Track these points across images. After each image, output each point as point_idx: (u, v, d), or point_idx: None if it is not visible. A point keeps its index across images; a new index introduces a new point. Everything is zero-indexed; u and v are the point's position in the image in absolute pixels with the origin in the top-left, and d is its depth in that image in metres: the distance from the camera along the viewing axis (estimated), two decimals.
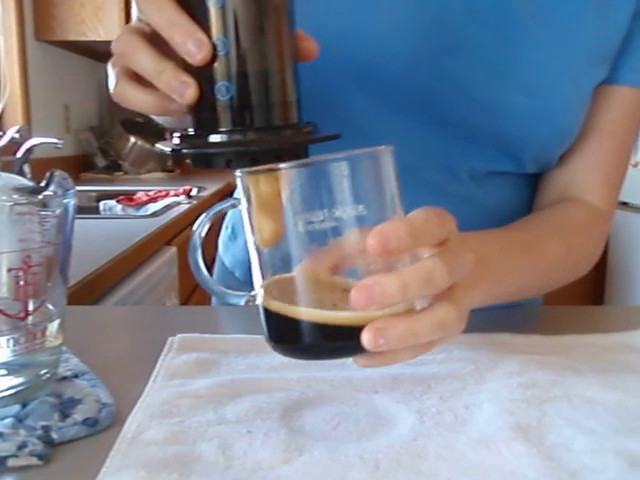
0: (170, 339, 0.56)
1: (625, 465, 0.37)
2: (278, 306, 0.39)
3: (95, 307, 0.87)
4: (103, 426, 0.42)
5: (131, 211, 1.82)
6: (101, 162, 2.96)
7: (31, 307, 0.44)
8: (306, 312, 0.37)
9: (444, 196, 0.68)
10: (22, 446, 0.38)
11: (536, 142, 0.65)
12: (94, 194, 2.19)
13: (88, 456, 0.39)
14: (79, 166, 2.84)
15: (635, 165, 3.17)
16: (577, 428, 0.41)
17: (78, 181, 2.66)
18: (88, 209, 1.85)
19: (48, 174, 0.45)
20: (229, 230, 0.82)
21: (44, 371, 0.46)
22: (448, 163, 0.67)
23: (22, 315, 0.43)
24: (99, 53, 2.85)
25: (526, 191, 0.73)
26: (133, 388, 0.47)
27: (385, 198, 0.38)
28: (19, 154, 1.92)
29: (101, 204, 1.85)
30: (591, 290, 3.49)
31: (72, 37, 2.47)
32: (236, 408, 0.44)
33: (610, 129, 0.68)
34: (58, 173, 0.45)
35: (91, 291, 0.92)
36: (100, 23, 2.47)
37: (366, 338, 0.36)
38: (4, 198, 0.41)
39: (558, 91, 0.63)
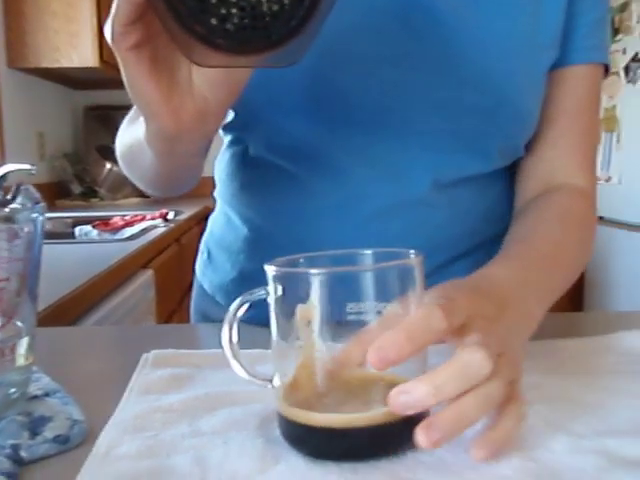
0: (144, 355, 0.55)
1: (604, 463, 0.37)
2: (298, 414, 0.38)
3: (69, 328, 0.86)
4: (74, 443, 0.41)
5: (107, 236, 1.80)
6: (77, 189, 2.94)
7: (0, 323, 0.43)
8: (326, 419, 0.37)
9: (412, 207, 0.68)
10: None
11: (500, 134, 0.66)
12: (70, 220, 2.17)
13: (58, 474, 0.38)
14: (54, 193, 2.82)
15: (607, 180, 3.22)
16: (556, 429, 0.41)
17: (54, 208, 2.63)
18: (64, 235, 1.83)
19: (14, 187, 0.44)
20: (205, 255, 0.81)
21: (13, 390, 0.45)
22: (411, 175, 0.67)
23: None
24: (73, 80, 2.85)
25: (498, 186, 0.73)
26: (106, 405, 0.46)
27: (410, 301, 0.38)
28: None
29: (77, 229, 1.83)
30: (569, 301, 3.52)
31: (46, 64, 2.45)
32: (211, 421, 0.43)
33: (576, 110, 0.70)
34: (24, 187, 0.44)
35: (67, 313, 0.91)
36: (74, 50, 2.47)
37: (421, 441, 0.35)
38: None
39: (510, 80, 0.64)
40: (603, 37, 0.73)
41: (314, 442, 0.37)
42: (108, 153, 2.96)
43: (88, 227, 1.83)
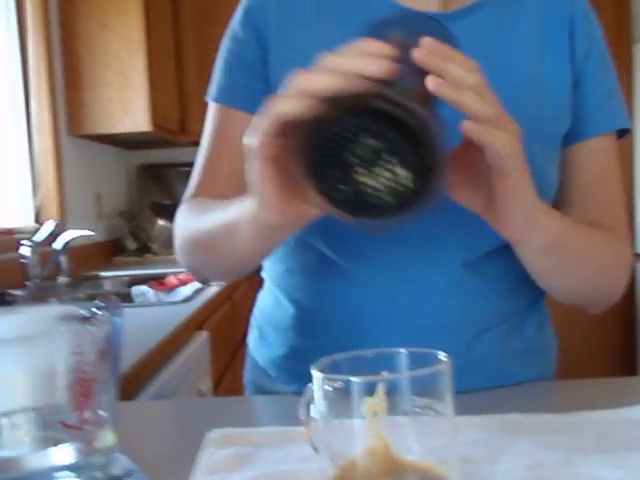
0: (208, 434, 0.61)
1: None
2: None
3: (135, 403, 0.93)
4: None
5: (163, 295, 1.89)
6: (132, 245, 3.08)
7: (87, 416, 0.50)
8: None
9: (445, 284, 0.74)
10: None
11: None
12: (126, 279, 2.29)
13: None
14: (111, 250, 2.96)
15: None
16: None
17: (110, 265, 2.77)
18: (121, 295, 1.93)
19: (100, 303, 0.51)
20: (256, 331, 0.88)
21: (98, 472, 0.52)
22: (444, 254, 0.73)
23: (78, 424, 0.49)
24: (127, 141, 3.00)
25: None
26: None
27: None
28: (57, 246, 2.03)
29: (133, 289, 1.93)
30: (624, 364, 3.49)
31: (102, 130, 2.61)
32: None
33: (600, 181, 0.76)
34: (108, 300, 0.52)
35: (130, 383, 0.98)
36: (128, 115, 2.62)
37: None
38: (63, 329, 0.48)
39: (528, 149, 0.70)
40: (618, 104, 0.78)
41: None
42: (160, 210, 3.10)
43: (144, 287, 1.93)
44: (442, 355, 0.45)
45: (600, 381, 0.78)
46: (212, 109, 0.81)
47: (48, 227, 1.98)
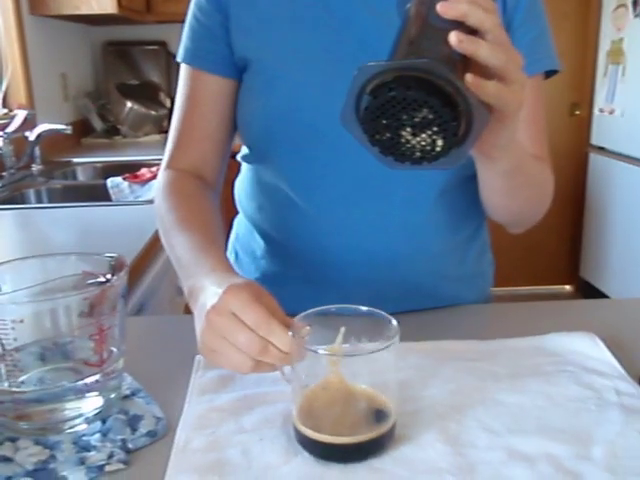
0: (197, 358, 0.75)
1: (505, 457, 0.57)
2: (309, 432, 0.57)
3: (133, 318, 1.06)
4: (160, 436, 0.62)
5: (137, 188, 1.98)
6: (99, 125, 3.10)
7: (105, 355, 0.63)
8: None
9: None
10: (111, 455, 0.58)
11: None
12: (99, 166, 2.36)
13: (154, 459, 0.58)
14: (79, 132, 2.98)
15: (611, 112, 3.31)
16: (483, 428, 0.61)
17: (80, 148, 2.81)
18: (97, 188, 2.02)
19: (111, 268, 0.62)
20: (233, 255, 1.00)
21: (114, 394, 0.65)
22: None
23: (99, 363, 0.62)
24: (91, 18, 2.94)
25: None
26: (174, 401, 0.67)
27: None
28: (31, 137, 2.07)
29: (108, 182, 2.01)
30: (572, 225, 3.70)
31: (66, 11, 2.56)
32: (251, 419, 0.63)
33: (530, 118, 0.85)
34: (116, 260, 0.63)
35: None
36: None
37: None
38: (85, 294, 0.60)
39: None
40: (546, 48, 0.86)
41: (318, 451, 0.57)
42: (128, 91, 3.09)
43: (119, 179, 2.01)
44: (393, 323, 0.58)
45: (528, 305, 0.93)
46: (183, 70, 0.89)
47: (20, 117, 2.02)
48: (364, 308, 0.62)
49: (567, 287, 3.81)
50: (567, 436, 0.59)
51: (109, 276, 0.63)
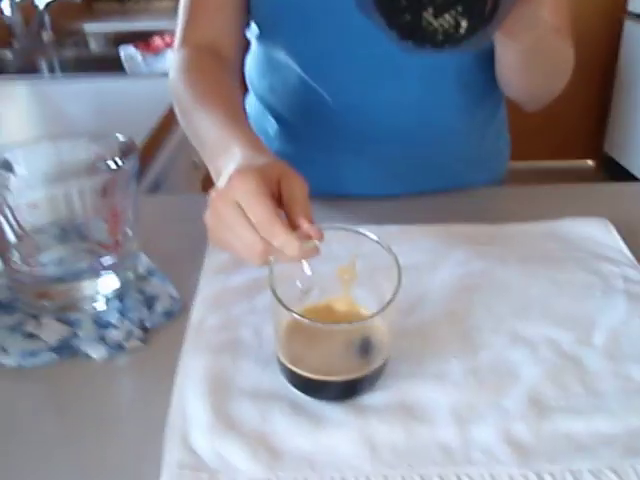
0: None
1: (507, 341, 0.58)
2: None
3: (149, 198, 1.07)
4: (176, 315, 0.64)
5: (151, 59, 1.93)
6: None
7: (120, 238, 0.64)
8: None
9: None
10: (130, 333, 0.60)
11: None
12: (111, 36, 2.29)
13: (170, 338, 0.61)
14: None
15: None
16: (489, 312, 0.63)
17: (92, 15, 2.72)
18: (109, 59, 1.97)
19: (122, 151, 0.62)
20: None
21: (130, 273, 0.67)
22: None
23: (114, 245, 0.64)
24: None
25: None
26: (189, 281, 0.69)
27: None
28: (40, 5, 2.00)
29: (121, 52, 1.96)
30: (597, 99, 3.59)
31: None
32: (262, 300, 0.65)
33: None
34: (127, 143, 0.63)
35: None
36: None
37: None
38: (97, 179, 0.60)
39: None
40: None
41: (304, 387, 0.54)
42: None
43: (132, 49, 1.96)
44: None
45: (544, 188, 0.92)
46: None
47: None
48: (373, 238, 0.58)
49: (589, 162, 3.75)
50: (570, 322, 0.61)
51: (120, 159, 0.63)
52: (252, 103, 0.96)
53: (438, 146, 0.90)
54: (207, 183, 0.70)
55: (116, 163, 0.62)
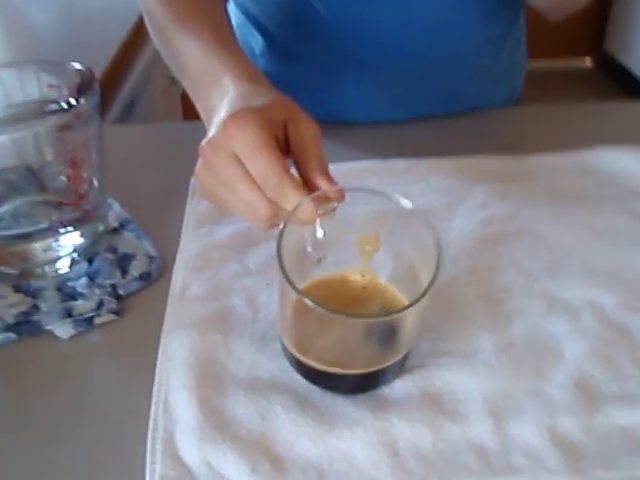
0: (193, 180, 0.66)
1: (543, 306, 0.50)
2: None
3: (120, 128, 0.95)
4: (155, 278, 0.55)
5: None
6: None
7: (83, 190, 0.54)
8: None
9: None
10: (100, 304, 0.51)
11: None
12: None
13: (148, 307, 0.52)
14: None
15: None
16: (519, 270, 0.54)
17: None
18: None
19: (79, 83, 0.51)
20: None
21: (100, 225, 0.57)
22: None
23: (76, 198, 0.53)
24: None
25: None
26: (169, 234, 0.59)
27: None
28: None
29: None
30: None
31: None
32: (256, 258, 0.56)
33: None
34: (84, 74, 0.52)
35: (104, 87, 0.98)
36: None
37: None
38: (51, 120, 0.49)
39: None
40: None
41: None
42: None
43: None
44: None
45: (566, 108, 0.82)
46: None
47: None
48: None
49: (587, 60, 3.58)
50: (614, 281, 0.52)
51: (77, 94, 0.51)
52: (233, 13, 0.83)
53: (448, 65, 0.78)
54: (186, 100, 0.58)
55: (69, 102, 0.51)
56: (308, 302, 0.38)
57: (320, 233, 0.44)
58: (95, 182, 0.56)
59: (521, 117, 0.82)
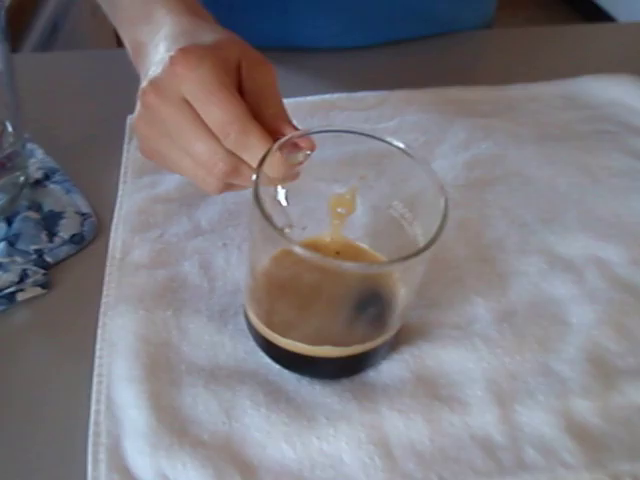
0: (130, 118, 0.56)
1: (542, 264, 0.44)
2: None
3: (40, 55, 0.82)
4: (88, 240, 0.46)
5: None
6: None
7: None
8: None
9: None
10: (24, 276, 0.43)
11: None
12: None
13: (82, 278, 0.44)
14: None
15: None
16: (511, 220, 0.47)
17: None
18: None
19: None
20: None
21: (20, 176, 0.48)
22: None
23: None
24: None
25: None
26: (104, 185, 0.50)
27: None
28: None
29: None
30: None
31: None
32: (208, 213, 0.48)
33: None
34: None
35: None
36: None
37: None
38: None
39: None
40: None
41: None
42: None
43: None
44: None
45: (545, 30, 0.74)
46: None
47: None
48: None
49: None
50: (618, 232, 0.46)
51: None
52: None
53: None
54: None
55: None
56: (301, 251, 0.30)
57: (282, 198, 0.36)
58: (8, 125, 0.46)
59: (496, 40, 0.74)
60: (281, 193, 0.37)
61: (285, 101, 0.37)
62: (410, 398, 0.36)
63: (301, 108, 0.57)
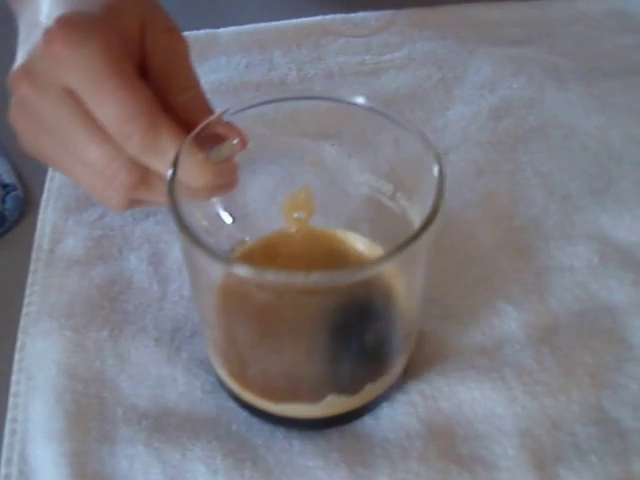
0: None
1: (593, 255, 0.34)
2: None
3: None
4: (11, 222, 0.36)
5: None
6: None
7: None
8: None
9: None
10: None
11: None
12: None
13: (3, 272, 0.35)
14: None
15: None
16: (550, 192, 0.37)
17: None
18: None
19: None
20: None
21: None
22: None
23: None
24: None
25: None
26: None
27: None
28: None
29: None
30: None
31: None
32: None
33: None
34: None
35: None
36: None
37: None
38: None
39: None
40: None
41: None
42: None
43: None
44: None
45: None
46: None
47: None
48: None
49: None
50: None
51: None
52: None
53: None
54: None
55: None
56: (245, 271, 0.21)
57: (226, 216, 0.27)
58: None
59: None
60: (219, 206, 0.27)
61: (263, 25, 0.27)
62: (419, 461, 0.27)
63: (284, 35, 0.45)
